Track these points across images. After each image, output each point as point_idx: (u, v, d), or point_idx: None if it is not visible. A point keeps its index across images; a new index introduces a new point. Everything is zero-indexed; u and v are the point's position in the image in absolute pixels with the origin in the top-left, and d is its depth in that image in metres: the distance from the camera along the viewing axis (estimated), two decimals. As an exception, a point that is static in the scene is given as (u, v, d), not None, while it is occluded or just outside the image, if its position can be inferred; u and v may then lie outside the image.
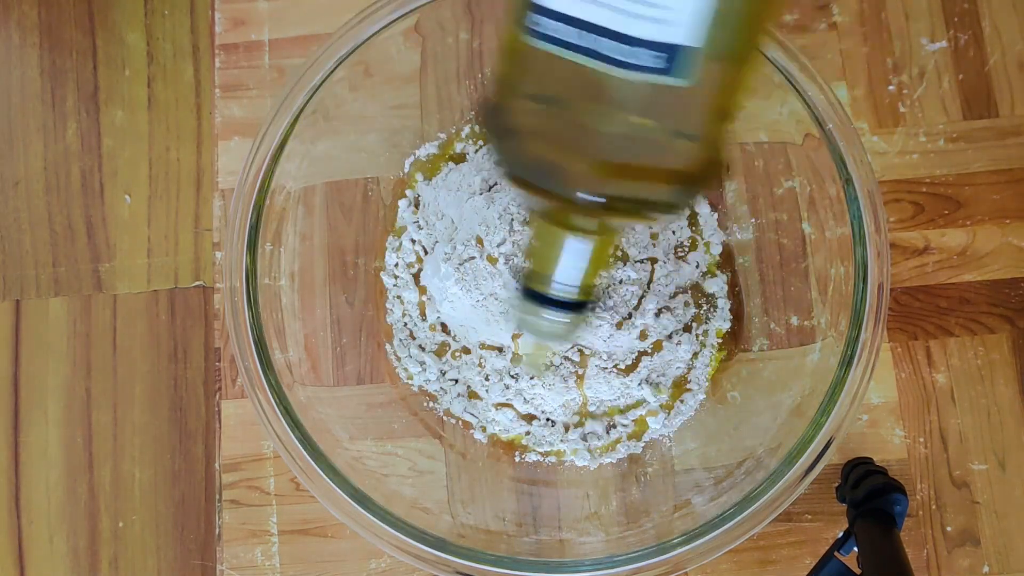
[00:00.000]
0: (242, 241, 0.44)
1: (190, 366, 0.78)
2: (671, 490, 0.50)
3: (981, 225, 0.54)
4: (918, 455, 0.52)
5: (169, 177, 0.81)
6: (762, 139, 0.52)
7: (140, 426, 0.77)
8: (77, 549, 0.75)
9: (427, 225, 0.53)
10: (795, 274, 0.51)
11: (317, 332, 0.51)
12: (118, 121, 0.82)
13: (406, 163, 0.55)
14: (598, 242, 0.33)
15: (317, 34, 0.58)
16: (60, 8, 0.85)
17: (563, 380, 0.49)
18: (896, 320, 0.53)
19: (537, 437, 0.51)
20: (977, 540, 0.51)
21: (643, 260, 0.50)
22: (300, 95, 0.46)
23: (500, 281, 0.48)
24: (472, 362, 0.51)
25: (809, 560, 0.50)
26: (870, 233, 0.43)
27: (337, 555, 0.52)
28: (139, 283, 0.79)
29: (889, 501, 0.46)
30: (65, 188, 0.81)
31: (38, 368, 0.78)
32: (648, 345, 0.50)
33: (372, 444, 0.51)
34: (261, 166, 0.45)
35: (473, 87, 0.55)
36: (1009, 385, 0.53)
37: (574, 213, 0.30)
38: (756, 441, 0.47)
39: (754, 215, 0.53)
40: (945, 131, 0.56)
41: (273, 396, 0.43)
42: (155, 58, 0.83)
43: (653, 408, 0.51)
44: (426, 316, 0.52)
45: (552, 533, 0.49)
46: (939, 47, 0.57)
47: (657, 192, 0.28)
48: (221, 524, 0.52)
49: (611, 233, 0.33)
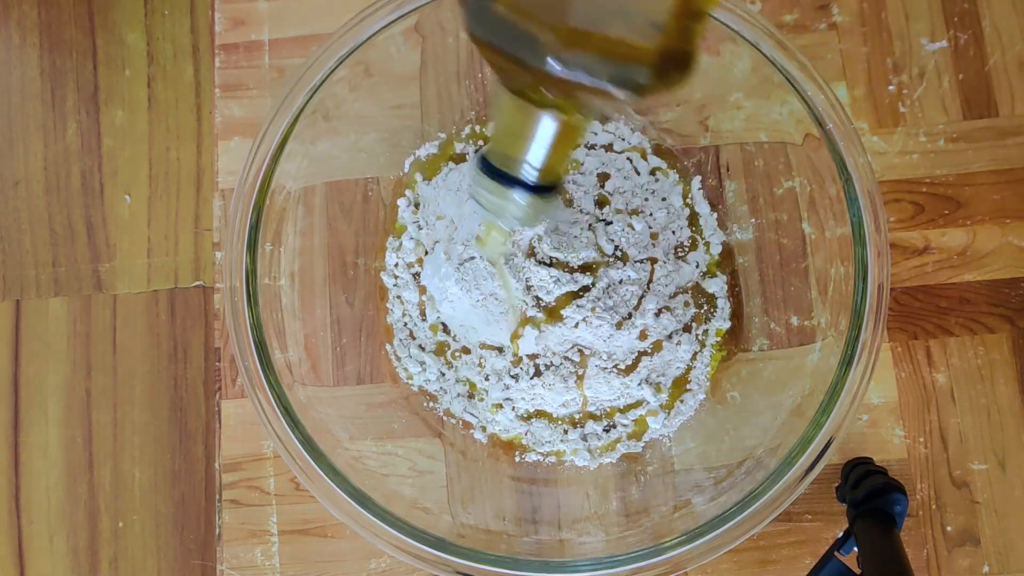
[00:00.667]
0: (242, 241, 0.44)
1: (190, 366, 0.78)
2: (671, 490, 0.50)
3: (981, 225, 0.54)
4: (918, 455, 0.52)
5: (169, 177, 0.81)
6: (762, 139, 0.52)
7: (140, 426, 0.77)
8: (77, 549, 0.75)
9: (427, 225, 0.53)
10: (795, 274, 0.51)
11: (317, 332, 0.51)
12: (118, 121, 0.82)
13: (406, 163, 0.55)
14: (564, 122, 0.33)
15: (317, 34, 0.58)
16: (60, 8, 0.85)
17: (563, 380, 0.49)
18: (896, 320, 0.53)
19: (537, 437, 0.51)
20: (977, 540, 0.51)
21: (643, 260, 0.50)
22: (300, 95, 0.46)
23: (500, 281, 0.48)
24: (472, 362, 0.51)
25: (809, 560, 0.50)
26: (870, 233, 0.43)
27: (337, 555, 0.52)
28: (139, 283, 0.79)
29: (889, 501, 0.46)
30: (65, 188, 0.81)
31: (38, 368, 0.78)
32: (648, 345, 0.50)
33: (372, 444, 0.51)
34: (261, 166, 0.45)
35: (473, 87, 0.55)
36: (1009, 385, 0.53)
37: (542, 84, 0.30)
38: (756, 441, 0.47)
39: (754, 215, 0.53)
40: (945, 131, 0.56)
41: (273, 396, 0.43)
42: (155, 58, 0.83)
43: (653, 408, 0.51)
44: (426, 316, 0.52)
45: (552, 533, 0.49)
46: (939, 47, 0.57)
47: (624, 69, 0.28)
48: (221, 524, 0.52)
49: (578, 112, 0.33)
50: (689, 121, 0.54)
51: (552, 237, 0.49)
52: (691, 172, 0.54)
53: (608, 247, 0.49)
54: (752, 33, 0.45)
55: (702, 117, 0.54)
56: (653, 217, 0.52)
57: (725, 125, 0.53)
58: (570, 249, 0.48)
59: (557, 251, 0.48)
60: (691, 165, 0.54)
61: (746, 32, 0.45)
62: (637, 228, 0.51)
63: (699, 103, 0.54)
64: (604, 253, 0.49)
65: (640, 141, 0.54)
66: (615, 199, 0.51)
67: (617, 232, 0.50)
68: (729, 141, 0.54)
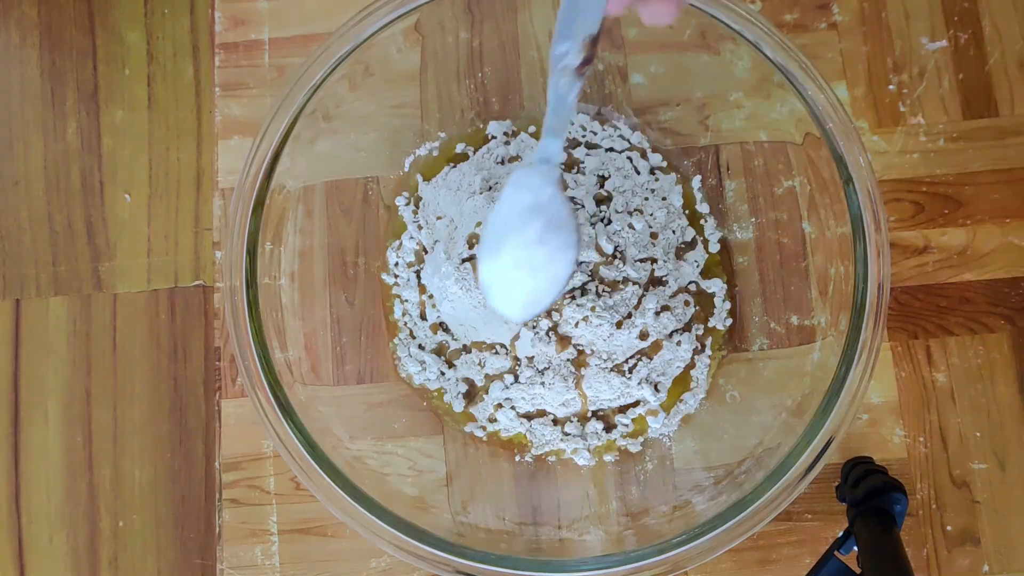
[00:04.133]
0: (242, 241, 0.44)
1: (190, 365, 0.78)
2: (671, 490, 0.50)
3: (981, 224, 0.54)
4: (918, 454, 0.52)
5: (169, 176, 0.81)
6: (762, 138, 0.52)
7: (140, 425, 0.77)
8: (77, 548, 0.75)
9: (427, 225, 0.53)
10: (795, 273, 0.51)
11: (317, 331, 0.51)
12: (118, 120, 0.82)
13: (406, 163, 0.55)
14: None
15: (317, 33, 0.58)
16: (60, 8, 0.85)
17: (563, 380, 0.49)
18: (896, 319, 0.53)
19: (537, 436, 0.51)
20: (977, 539, 0.51)
21: (643, 260, 0.50)
22: (300, 94, 0.46)
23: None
24: (472, 361, 0.51)
25: (809, 559, 0.50)
26: (870, 232, 0.43)
27: (337, 554, 0.52)
28: (139, 282, 0.79)
29: (889, 500, 0.46)
30: (65, 187, 0.81)
31: (38, 368, 0.78)
32: (648, 344, 0.50)
33: (372, 443, 0.51)
34: (261, 165, 0.45)
35: (473, 87, 0.55)
36: (1009, 385, 0.53)
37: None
38: (756, 440, 0.47)
39: (754, 214, 0.53)
40: (945, 130, 0.56)
41: (273, 395, 0.43)
42: (155, 57, 0.83)
43: (653, 408, 0.51)
44: (426, 316, 0.52)
45: (552, 532, 0.49)
46: (939, 46, 0.57)
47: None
48: (221, 523, 0.52)
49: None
50: (689, 121, 0.54)
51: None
52: (691, 172, 0.54)
53: (608, 247, 0.49)
54: (752, 33, 0.45)
55: (702, 116, 0.54)
56: (653, 217, 0.52)
57: (725, 124, 0.53)
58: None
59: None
60: (691, 165, 0.54)
61: (746, 32, 0.45)
62: (637, 228, 0.51)
63: (699, 102, 0.54)
64: (604, 253, 0.49)
65: (640, 141, 0.54)
66: (615, 199, 0.51)
67: (617, 232, 0.50)
68: (729, 140, 0.54)
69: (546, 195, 0.37)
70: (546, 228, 0.37)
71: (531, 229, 0.37)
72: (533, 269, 0.37)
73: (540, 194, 0.37)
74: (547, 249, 0.37)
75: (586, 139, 0.54)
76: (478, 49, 0.55)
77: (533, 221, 0.37)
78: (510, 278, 0.37)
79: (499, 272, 0.37)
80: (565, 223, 0.37)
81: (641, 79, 0.55)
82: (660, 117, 0.54)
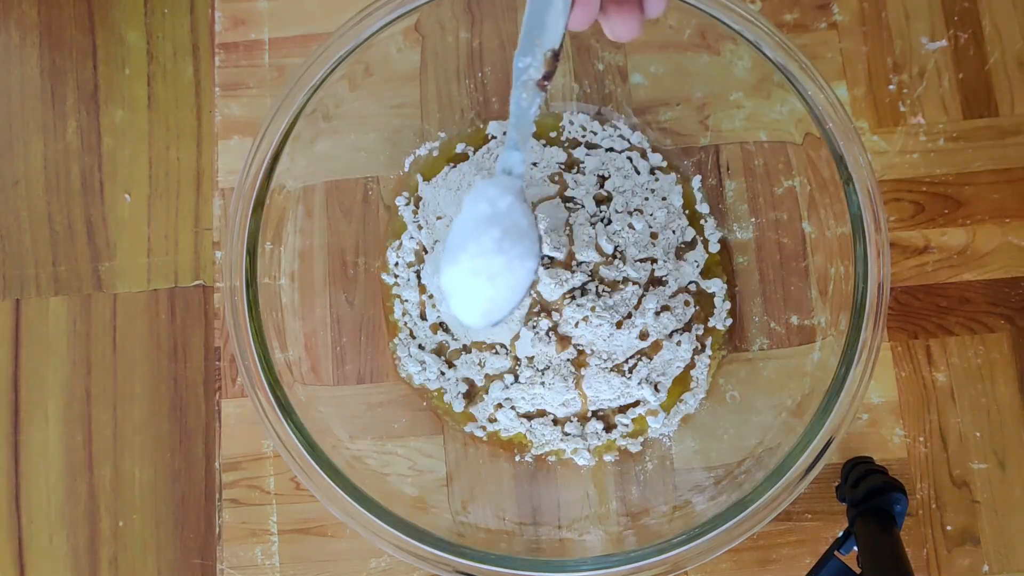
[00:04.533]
0: (242, 241, 0.44)
1: (190, 365, 0.78)
2: (671, 489, 0.50)
3: (981, 224, 0.54)
4: (918, 454, 0.52)
5: (169, 176, 0.81)
6: (762, 138, 0.52)
7: (140, 425, 0.77)
8: (77, 548, 0.75)
9: (427, 225, 0.53)
10: (795, 273, 0.51)
11: (317, 331, 0.51)
12: (118, 120, 0.82)
13: (406, 163, 0.55)
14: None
15: (317, 33, 0.58)
16: (60, 7, 0.85)
17: (563, 380, 0.49)
18: (896, 319, 0.53)
19: (537, 436, 0.51)
20: (977, 539, 0.51)
21: (643, 260, 0.50)
22: (300, 94, 0.45)
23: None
24: (472, 361, 0.51)
25: (809, 559, 0.50)
26: (870, 232, 0.43)
27: (337, 554, 0.52)
28: (139, 282, 0.79)
29: (889, 500, 0.46)
30: (65, 187, 0.81)
31: (38, 368, 0.78)
32: (648, 344, 0.50)
33: (372, 443, 0.51)
34: (261, 165, 0.45)
35: (473, 87, 0.55)
36: (1009, 385, 0.53)
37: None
38: (756, 440, 0.47)
39: (754, 214, 0.53)
40: (945, 130, 0.56)
41: (273, 395, 0.43)
42: (155, 57, 0.83)
43: (653, 407, 0.50)
44: (426, 316, 0.52)
45: (552, 532, 0.49)
46: (939, 46, 0.57)
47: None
48: (221, 523, 0.52)
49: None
50: (689, 121, 0.54)
51: (552, 237, 0.49)
52: (691, 172, 0.54)
53: (608, 246, 0.49)
54: (752, 32, 0.45)
55: (702, 116, 0.54)
56: (653, 216, 0.52)
57: (725, 124, 0.53)
58: (568, 247, 0.48)
59: (556, 251, 0.48)
60: (691, 165, 0.54)
61: (746, 31, 0.45)
62: (637, 228, 0.51)
63: (699, 102, 0.54)
64: (604, 252, 0.49)
65: (640, 141, 0.54)
66: (615, 199, 0.51)
67: (617, 231, 0.50)
68: (729, 140, 0.54)
69: (505, 205, 0.37)
70: (504, 237, 0.37)
71: (488, 238, 0.37)
72: (491, 277, 0.37)
73: (499, 204, 0.37)
74: (504, 258, 0.37)
75: (586, 139, 0.54)
76: (478, 49, 0.55)
77: (490, 230, 0.37)
78: (468, 285, 0.38)
79: (458, 279, 0.38)
80: (525, 233, 0.38)
81: (641, 79, 0.55)
82: (660, 117, 0.54)
